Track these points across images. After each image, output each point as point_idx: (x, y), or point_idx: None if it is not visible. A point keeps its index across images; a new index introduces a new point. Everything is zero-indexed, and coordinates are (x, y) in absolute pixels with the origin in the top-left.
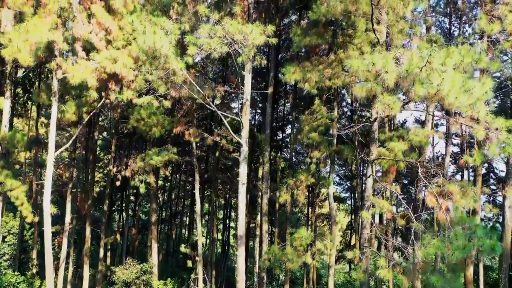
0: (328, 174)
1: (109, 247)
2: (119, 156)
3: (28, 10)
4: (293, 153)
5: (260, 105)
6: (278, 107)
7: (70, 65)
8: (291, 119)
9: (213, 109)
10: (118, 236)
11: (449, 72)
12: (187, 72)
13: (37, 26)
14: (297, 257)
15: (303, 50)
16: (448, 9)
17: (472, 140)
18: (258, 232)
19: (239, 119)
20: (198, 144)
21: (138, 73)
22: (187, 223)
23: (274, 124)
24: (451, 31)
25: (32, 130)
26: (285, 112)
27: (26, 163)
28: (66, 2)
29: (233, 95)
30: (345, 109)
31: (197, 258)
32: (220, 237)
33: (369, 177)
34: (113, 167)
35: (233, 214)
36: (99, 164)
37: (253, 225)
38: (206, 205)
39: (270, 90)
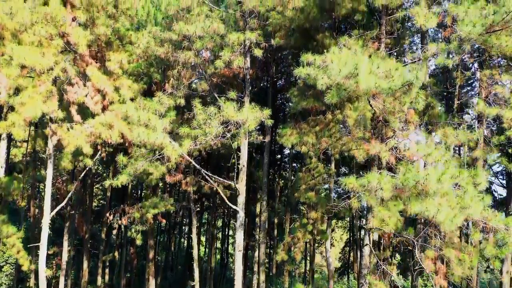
0: (325, 228)
1: (107, 264)
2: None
3: (23, 82)
4: (292, 173)
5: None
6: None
7: (65, 131)
8: None
9: (208, 178)
10: (116, 254)
11: (445, 188)
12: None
13: (31, 98)
14: None
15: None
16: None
17: None
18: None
19: (233, 184)
20: None
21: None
22: (186, 231)
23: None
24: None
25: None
26: None
27: (24, 181)
28: (60, 71)
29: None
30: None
31: None
32: (219, 245)
33: (365, 245)
34: (110, 214)
35: (232, 222)
36: (97, 179)
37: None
38: (206, 214)
39: (267, 139)
